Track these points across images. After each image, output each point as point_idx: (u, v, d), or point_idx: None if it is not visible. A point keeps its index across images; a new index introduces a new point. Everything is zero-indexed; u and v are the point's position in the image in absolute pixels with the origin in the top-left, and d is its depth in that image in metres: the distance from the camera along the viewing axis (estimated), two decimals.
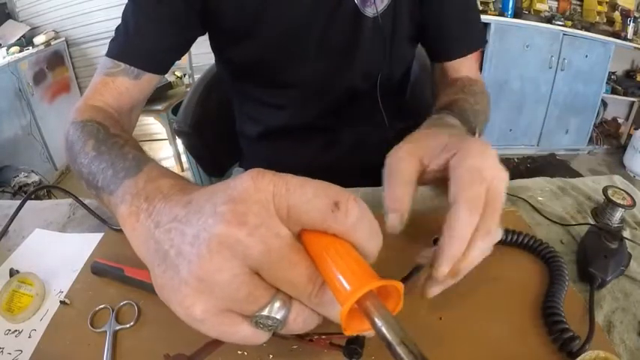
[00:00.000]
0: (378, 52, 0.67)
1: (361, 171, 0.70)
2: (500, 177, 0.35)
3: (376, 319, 0.20)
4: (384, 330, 0.20)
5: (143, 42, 0.59)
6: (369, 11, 0.63)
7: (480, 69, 2.63)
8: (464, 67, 0.70)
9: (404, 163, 0.38)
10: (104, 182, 0.37)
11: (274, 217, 0.23)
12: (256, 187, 0.23)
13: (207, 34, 0.68)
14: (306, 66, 0.68)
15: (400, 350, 0.19)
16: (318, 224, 0.23)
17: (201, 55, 2.38)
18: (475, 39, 0.71)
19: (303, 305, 0.24)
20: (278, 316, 0.24)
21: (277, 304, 0.23)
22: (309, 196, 0.23)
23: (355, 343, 0.34)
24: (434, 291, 0.36)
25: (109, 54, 0.59)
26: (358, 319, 0.22)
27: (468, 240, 0.33)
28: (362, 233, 0.24)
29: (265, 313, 0.23)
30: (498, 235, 0.35)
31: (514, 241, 0.49)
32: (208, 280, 0.22)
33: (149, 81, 0.61)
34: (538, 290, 0.44)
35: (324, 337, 0.34)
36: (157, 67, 0.61)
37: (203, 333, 0.24)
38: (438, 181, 0.38)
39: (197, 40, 0.67)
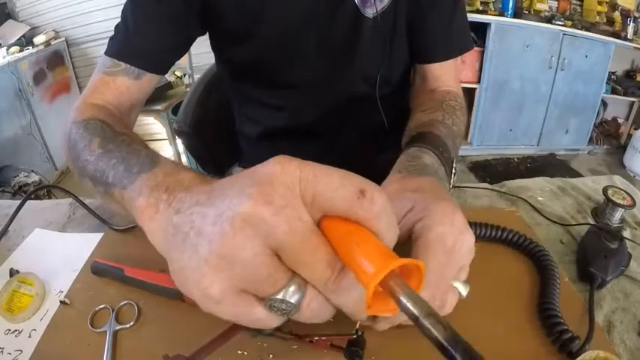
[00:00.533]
0: (377, 52, 0.67)
1: (360, 172, 0.70)
2: (464, 242, 0.35)
3: (401, 297, 0.20)
4: (409, 306, 0.20)
5: (143, 41, 0.59)
6: (369, 12, 0.63)
7: (480, 69, 2.63)
8: (444, 72, 0.69)
9: None
10: (115, 178, 0.37)
11: (299, 201, 0.23)
12: (283, 171, 0.23)
13: (207, 34, 0.68)
14: (306, 66, 0.68)
15: (428, 323, 0.19)
16: (343, 211, 0.23)
17: (201, 55, 2.38)
18: (460, 43, 0.70)
19: (317, 291, 0.24)
20: (292, 300, 0.24)
21: (293, 288, 0.24)
22: (336, 184, 0.23)
23: (356, 345, 0.34)
24: (381, 327, 0.36)
25: (109, 53, 0.59)
26: (379, 299, 0.23)
27: None
28: (384, 222, 0.24)
29: (280, 296, 0.24)
30: (455, 298, 0.35)
31: (499, 237, 0.49)
32: (229, 258, 0.23)
33: (149, 81, 0.61)
34: (530, 289, 0.44)
35: (324, 338, 0.34)
36: (157, 67, 0.61)
37: (217, 315, 0.24)
38: (403, 241, 0.37)
39: (197, 40, 0.67)
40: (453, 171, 0.51)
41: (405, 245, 0.35)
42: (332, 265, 0.23)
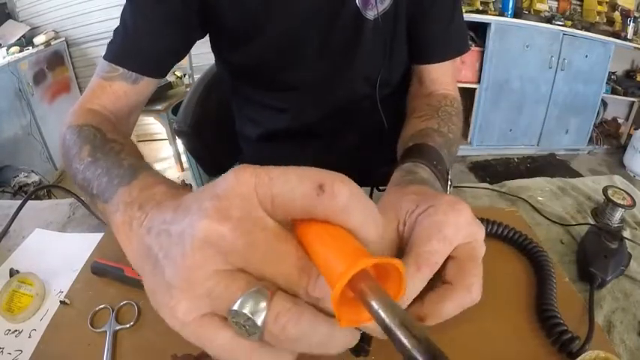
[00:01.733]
0: (378, 54, 0.67)
1: (360, 172, 0.70)
2: (471, 234, 0.33)
3: (372, 302, 0.18)
4: (381, 312, 0.17)
5: (141, 45, 0.59)
6: (370, 14, 0.63)
7: (480, 69, 2.63)
8: (441, 75, 0.69)
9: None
10: (99, 189, 0.37)
11: (258, 209, 0.22)
12: (238, 181, 0.22)
13: (207, 35, 0.68)
14: (307, 67, 0.67)
15: (400, 334, 0.16)
16: (305, 211, 0.21)
17: (201, 55, 2.38)
18: (457, 44, 0.70)
19: (290, 304, 0.21)
20: (248, 313, 0.20)
21: (253, 299, 0.21)
22: (293, 183, 0.21)
23: (363, 340, 0.33)
24: None
25: (106, 57, 0.58)
26: (355, 307, 0.20)
27: (414, 297, 0.30)
28: (355, 216, 0.21)
29: (235, 307, 0.21)
30: (476, 296, 0.32)
31: (496, 232, 0.50)
32: (191, 279, 0.22)
33: (147, 85, 0.61)
34: (528, 288, 0.44)
35: None
36: (155, 71, 0.61)
37: (185, 339, 0.23)
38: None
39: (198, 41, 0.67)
40: (449, 182, 0.51)
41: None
42: (306, 270, 0.21)
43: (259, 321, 0.20)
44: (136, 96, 0.60)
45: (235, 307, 0.20)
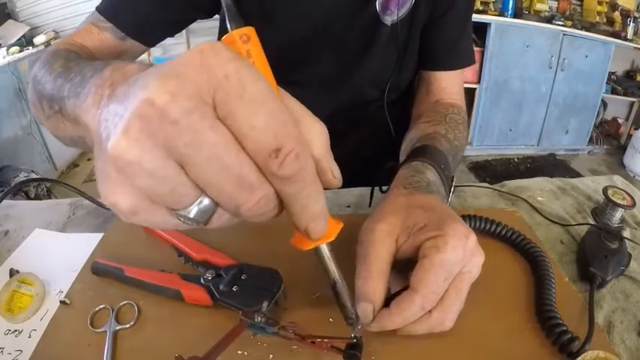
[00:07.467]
0: (390, 60, 0.67)
1: (361, 171, 0.70)
2: (474, 265, 0.36)
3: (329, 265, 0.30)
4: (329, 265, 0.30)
5: (137, 9, 0.57)
6: (388, 19, 0.63)
7: (480, 69, 2.63)
8: (450, 84, 0.69)
9: (380, 246, 0.37)
10: (71, 90, 0.32)
11: (210, 108, 0.19)
12: (202, 64, 0.18)
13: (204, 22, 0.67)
14: (317, 66, 0.67)
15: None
16: (251, 154, 0.20)
17: None
18: (466, 56, 0.70)
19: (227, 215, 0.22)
20: (201, 219, 0.21)
21: (204, 205, 0.21)
22: (257, 123, 0.19)
23: (355, 348, 0.34)
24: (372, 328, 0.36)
25: (100, 8, 0.57)
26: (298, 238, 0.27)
27: (408, 322, 0.35)
28: (290, 192, 0.21)
29: (187, 214, 0.21)
30: (448, 326, 0.36)
31: (494, 232, 0.50)
32: (128, 172, 0.19)
33: (133, 46, 0.59)
34: (526, 288, 0.44)
35: (326, 340, 0.35)
36: (143, 39, 0.59)
37: (138, 224, 0.22)
38: (406, 258, 0.37)
39: (199, 38, 0.66)
40: (452, 189, 0.51)
41: (410, 260, 0.36)
42: (245, 187, 0.20)
43: (204, 223, 0.22)
44: (120, 51, 0.58)
45: (187, 214, 0.21)
